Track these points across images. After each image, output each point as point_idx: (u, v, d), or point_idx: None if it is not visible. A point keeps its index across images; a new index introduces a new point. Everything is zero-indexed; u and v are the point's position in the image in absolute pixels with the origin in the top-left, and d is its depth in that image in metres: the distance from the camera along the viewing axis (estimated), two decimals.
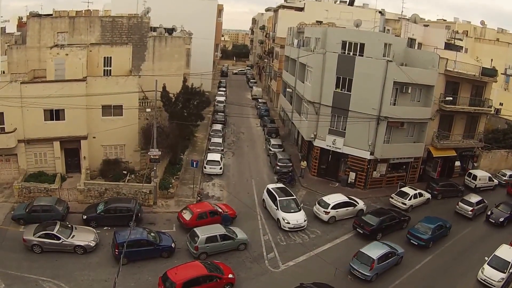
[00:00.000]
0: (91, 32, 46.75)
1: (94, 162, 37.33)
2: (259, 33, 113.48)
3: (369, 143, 39.11)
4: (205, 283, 23.78)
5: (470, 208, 36.78)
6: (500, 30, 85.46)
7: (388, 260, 27.72)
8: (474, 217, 36.71)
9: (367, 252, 27.44)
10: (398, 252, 28.73)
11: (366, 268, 26.65)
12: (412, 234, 31.88)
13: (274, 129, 56.62)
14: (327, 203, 34.49)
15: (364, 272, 26.65)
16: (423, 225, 32.28)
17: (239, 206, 34.65)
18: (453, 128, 43.90)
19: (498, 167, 48.45)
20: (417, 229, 32.03)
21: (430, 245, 31.54)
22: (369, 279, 26.69)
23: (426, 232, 31.53)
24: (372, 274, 26.66)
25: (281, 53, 66.64)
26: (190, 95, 42.25)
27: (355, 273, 27.11)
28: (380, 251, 27.57)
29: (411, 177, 42.93)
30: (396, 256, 28.45)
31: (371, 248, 27.91)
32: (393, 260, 28.27)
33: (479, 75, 42.46)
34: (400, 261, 28.96)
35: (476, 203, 37.06)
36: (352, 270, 27.34)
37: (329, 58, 40.32)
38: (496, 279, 26.88)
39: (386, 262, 27.55)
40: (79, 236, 27.22)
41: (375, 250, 27.60)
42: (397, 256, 28.60)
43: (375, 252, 27.29)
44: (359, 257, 27.40)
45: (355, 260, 27.46)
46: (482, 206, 37.79)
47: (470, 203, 37.04)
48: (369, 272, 26.55)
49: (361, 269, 26.77)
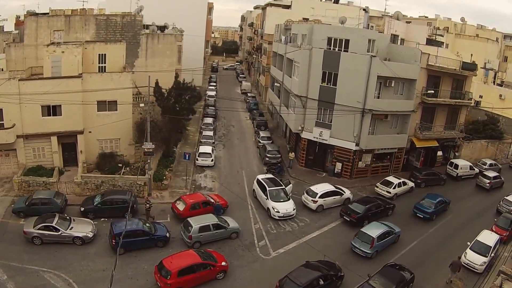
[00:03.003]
0: (86, 30, 46.84)
1: (90, 155, 37.67)
2: (248, 30, 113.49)
3: (355, 134, 39.82)
4: (199, 271, 24.15)
5: (487, 181, 42.36)
6: (479, 26, 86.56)
7: (386, 238, 29.61)
8: (491, 189, 42.35)
9: (367, 231, 29.16)
10: (395, 231, 30.60)
11: (367, 246, 28.42)
12: (418, 208, 35.15)
13: (263, 122, 57.24)
14: (315, 192, 35.12)
15: (365, 250, 28.40)
16: (427, 200, 35.46)
17: (231, 196, 35.20)
18: (435, 119, 44.75)
19: (478, 156, 49.80)
20: (422, 204, 35.20)
21: (434, 218, 34.73)
22: (370, 256, 28.42)
23: (430, 207, 34.77)
24: (372, 252, 28.43)
25: (269, 49, 66.84)
26: (182, 90, 42.43)
27: (356, 251, 28.81)
28: (379, 230, 29.36)
29: (395, 166, 43.85)
30: (394, 235, 30.36)
31: (371, 228, 29.66)
32: (391, 239, 30.19)
33: (460, 69, 43.33)
34: (397, 239, 30.85)
35: (493, 177, 42.74)
36: (354, 248, 28.99)
37: (315, 53, 40.81)
38: (479, 263, 27.69)
39: (384, 241, 29.44)
40: (78, 228, 27.48)
41: (374, 230, 29.33)
42: (395, 235, 30.51)
43: (374, 231, 29.05)
44: (360, 236, 29.11)
45: (356, 239, 29.16)
46: (498, 181, 43.34)
47: (488, 177, 42.67)
48: (369, 249, 28.35)
49: (362, 247, 28.50)
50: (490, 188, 42.36)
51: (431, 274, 27.62)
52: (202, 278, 24.39)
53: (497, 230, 31.62)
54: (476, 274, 27.75)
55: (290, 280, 23.20)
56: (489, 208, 38.56)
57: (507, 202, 37.20)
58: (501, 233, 31.26)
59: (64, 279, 23.73)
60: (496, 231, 31.50)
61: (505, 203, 37.22)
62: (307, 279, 23.30)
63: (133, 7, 53.58)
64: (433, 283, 26.89)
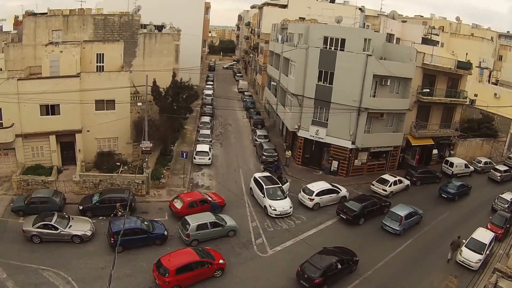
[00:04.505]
0: (84, 30, 46.72)
1: (88, 154, 37.78)
2: (244, 29, 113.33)
3: (351, 133, 40.07)
4: (197, 268, 24.23)
5: (498, 174, 45.27)
6: (474, 25, 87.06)
7: (412, 218, 32.89)
8: (502, 182, 45.16)
9: (396, 211, 32.62)
10: (419, 212, 33.96)
11: (396, 223, 31.86)
12: (443, 190, 39.51)
13: (260, 120, 57.19)
14: (312, 190, 35.28)
15: (394, 227, 31.79)
16: (451, 184, 39.85)
17: (228, 194, 35.37)
18: (430, 118, 45.02)
19: (473, 154, 50.15)
20: (446, 186, 39.57)
21: (456, 199, 39.07)
22: (398, 233, 31.78)
23: (453, 189, 39.19)
24: (400, 229, 31.74)
25: (265, 48, 66.96)
26: (179, 89, 42.51)
27: (387, 228, 32.21)
28: (406, 211, 32.74)
29: (391, 165, 44.10)
30: (417, 215, 33.60)
31: (398, 209, 32.94)
32: (416, 219, 33.49)
33: (455, 68, 43.65)
34: (420, 220, 33.99)
35: (504, 171, 45.67)
36: (384, 226, 32.41)
37: (311, 52, 40.98)
38: (474, 260, 27.97)
39: (410, 220, 32.75)
40: (76, 226, 27.52)
41: (402, 210, 32.69)
42: (419, 215, 33.77)
43: (402, 211, 32.49)
44: (390, 216, 32.65)
45: (387, 218, 32.72)
46: (508, 174, 46.14)
47: (499, 171, 45.62)
48: (398, 227, 31.70)
49: (392, 225, 31.99)
50: (501, 181, 45.24)
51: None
52: (200, 276, 24.49)
53: (492, 228, 31.96)
54: (471, 271, 28.03)
55: (310, 264, 25.06)
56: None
57: (502, 200, 37.55)
58: (496, 231, 31.60)
59: (63, 277, 23.81)
60: (491, 228, 31.83)
61: (500, 201, 37.57)
62: (326, 263, 25.09)
63: (130, 7, 53.40)
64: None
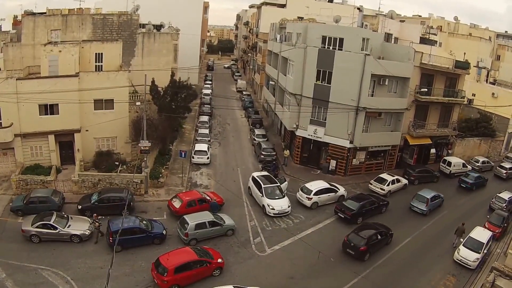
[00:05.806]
0: (83, 30, 46.82)
1: (87, 154, 37.81)
2: (243, 28, 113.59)
3: (349, 132, 40.15)
4: (195, 267, 24.27)
5: (504, 171, 47.12)
6: (472, 25, 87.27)
7: (436, 200, 36.83)
8: (507, 178, 47.01)
9: (423, 194, 36.37)
10: (441, 196, 37.69)
11: (423, 204, 35.66)
12: (462, 180, 42.65)
13: (258, 120, 57.29)
14: (310, 189, 35.39)
15: (422, 208, 35.54)
16: (469, 175, 42.86)
17: (226, 193, 35.35)
18: (428, 117, 45.15)
19: (471, 154, 50.26)
20: (465, 176, 42.74)
21: (474, 188, 42.26)
22: (425, 213, 35.46)
23: (471, 179, 42.35)
24: (427, 209, 35.47)
25: (264, 48, 66.94)
26: (178, 89, 42.56)
27: (415, 209, 35.96)
28: (432, 194, 36.54)
29: (389, 164, 44.25)
30: (440, 198, 37.47)
31: (424, 192, 36.65)
32: (439, 201, 37.42)
33: (453, 68, 43.74)
34: (442, 203, 37.72)
35: (509, 168, 47.60)
36: (412, 207, 36.16)
37: (309, 52, 41.08)
38: (472, 259, 28.11)
39: (435, 202, 36.70)
40: (75, 226, 27.56)
41: (428, 193, 36.51)
42: (441, 199, 37.66)
43: (428, 194, 36.36)
44: (417, 198, 36.34)
45: (415, 200, 36.36)
46: None
47: (505, 168, 47.42)
48: (425, 207, 35.46)
49: (420, 206, 35.73)
50: (506, 178, 46.95)
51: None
52: (198, 275, 24.54)
53: (489, 227, 32.10)
54: (469, 270, 28.15)
55: (356, 234, 28.87)
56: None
57: (499, 199, 37.69)
58: (494, 230, 31.73)
59: (62, 277, 23.84)
60: (489, 227, 31.97)
61: (498, 200, 37.73)
62: (369, 234, 28.98)
63: (129, 7, 53.43)
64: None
